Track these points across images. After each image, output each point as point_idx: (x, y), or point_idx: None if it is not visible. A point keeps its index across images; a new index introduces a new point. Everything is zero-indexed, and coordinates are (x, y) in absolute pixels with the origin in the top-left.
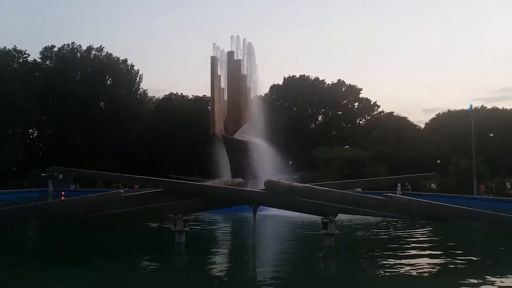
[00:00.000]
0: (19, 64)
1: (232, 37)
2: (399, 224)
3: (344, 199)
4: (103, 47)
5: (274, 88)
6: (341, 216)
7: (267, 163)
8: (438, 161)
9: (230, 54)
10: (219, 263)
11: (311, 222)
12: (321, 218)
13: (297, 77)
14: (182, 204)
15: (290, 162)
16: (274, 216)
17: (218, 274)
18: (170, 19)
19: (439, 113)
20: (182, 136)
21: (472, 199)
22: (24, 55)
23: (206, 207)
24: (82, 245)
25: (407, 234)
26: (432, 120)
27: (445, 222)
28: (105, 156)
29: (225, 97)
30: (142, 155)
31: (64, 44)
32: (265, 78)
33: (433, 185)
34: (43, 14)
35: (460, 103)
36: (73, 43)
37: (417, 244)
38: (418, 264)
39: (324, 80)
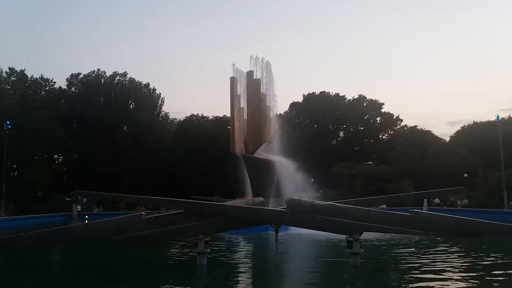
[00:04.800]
0: (46, 92)
1: (251, 57)
2: (428, 241)
3: (369, 216)
4: (127, 73)
5: (294, 105)
6: (367, 235)
7: (288, 181)
8: (465, 175)
9: (249, 73)
10: (241, 285)
11: (335, 241)
12: (346, 237)
13: (317, 93)
14: (203, 225)
15: (312, 180)
16: (297, 235)
17: None
18: (189, 44)
19: (464, 125)
20: (204, 156)
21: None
22: (51, 83)
23: (227, 227)
24: (103, 268)
25: (438, 253)
26: (458, 132)
27: (478, 238)
28: (129, 179)
29: (245, 117)
30: (165, 176)
31: (89, 71)
32: (284, 96)
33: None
34: (70, 44)
35: (486, 114)
36: (98, 69)
37: (450, 263)
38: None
39: (344, 96)
